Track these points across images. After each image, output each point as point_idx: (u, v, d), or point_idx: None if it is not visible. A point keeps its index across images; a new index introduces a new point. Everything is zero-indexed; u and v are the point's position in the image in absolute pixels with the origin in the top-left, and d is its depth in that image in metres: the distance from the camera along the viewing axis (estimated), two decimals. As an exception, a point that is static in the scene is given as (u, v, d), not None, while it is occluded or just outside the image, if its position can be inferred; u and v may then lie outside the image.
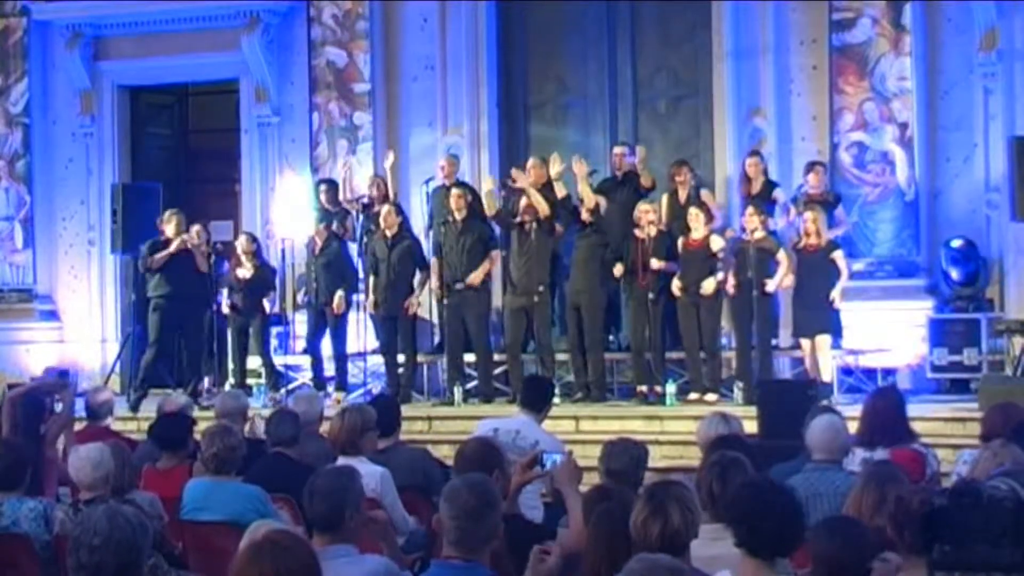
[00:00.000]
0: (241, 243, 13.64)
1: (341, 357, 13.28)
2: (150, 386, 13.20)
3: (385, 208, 12.99)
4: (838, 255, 12.03)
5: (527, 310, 12.59)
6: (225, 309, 13.44)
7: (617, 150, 13.33)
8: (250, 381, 13.51)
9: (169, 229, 13.30)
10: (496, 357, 12.92)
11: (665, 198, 12.97)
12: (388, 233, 12.89)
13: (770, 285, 11.98)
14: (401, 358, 13.02)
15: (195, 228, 13.84)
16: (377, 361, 13.38)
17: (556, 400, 12.31)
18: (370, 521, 5.36)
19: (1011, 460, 6.03)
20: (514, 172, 13.08)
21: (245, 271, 13.44)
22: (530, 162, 13.20)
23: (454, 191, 12.94)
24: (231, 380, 13.56)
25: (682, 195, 12.84)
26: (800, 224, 12.17)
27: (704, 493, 5.11)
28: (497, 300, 13.65)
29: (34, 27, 15.90)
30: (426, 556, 5.45)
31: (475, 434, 6.85)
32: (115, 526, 3.99)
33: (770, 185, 12.88)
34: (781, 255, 12.04)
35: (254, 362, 13.64)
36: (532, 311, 12.57)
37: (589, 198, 12.51)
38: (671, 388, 12.08)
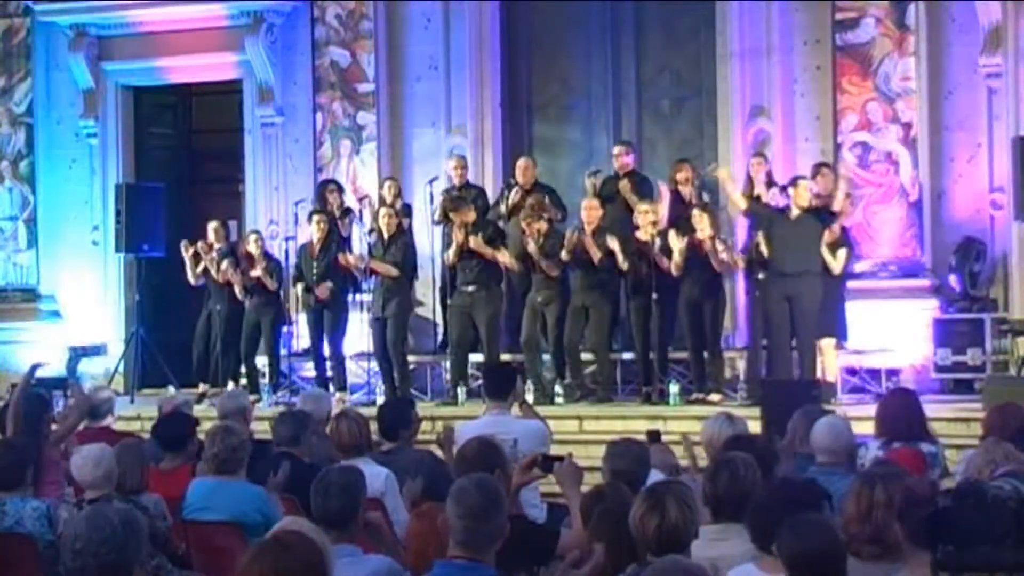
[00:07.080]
0: (250, 243, 13.71)
1: (339, 357, 13.29)
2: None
3: (382, 211, 13.05)
4: (842, 253, 12.00)
5: (545, 308, 12.60)
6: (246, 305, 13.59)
7: (616, 149, 13.32)
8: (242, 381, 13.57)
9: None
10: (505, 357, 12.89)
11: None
12: (384, 235, 12.92)
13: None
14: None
15: (212, 225, 13.96)
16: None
17: (560, 399, 12.47)
18: (366, 523, 5.36)
19: (1003, 456, 6.00)
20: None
21: (256, 270, 13.52)
22: (521, 162, 13.37)
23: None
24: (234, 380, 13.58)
25: (684, 193, 12.80)
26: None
27: (709, 493, 5.07)
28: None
29: (37, 27, 15.90)
30: None
31: (462, 438, 6.80)
32: (94, 528, 3.91)
33: (769, 186, 12.84)
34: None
35: (260, 361, 13.69)
36: (548, 309, 12.58)
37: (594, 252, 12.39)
38: (674, 388, 12.06)
